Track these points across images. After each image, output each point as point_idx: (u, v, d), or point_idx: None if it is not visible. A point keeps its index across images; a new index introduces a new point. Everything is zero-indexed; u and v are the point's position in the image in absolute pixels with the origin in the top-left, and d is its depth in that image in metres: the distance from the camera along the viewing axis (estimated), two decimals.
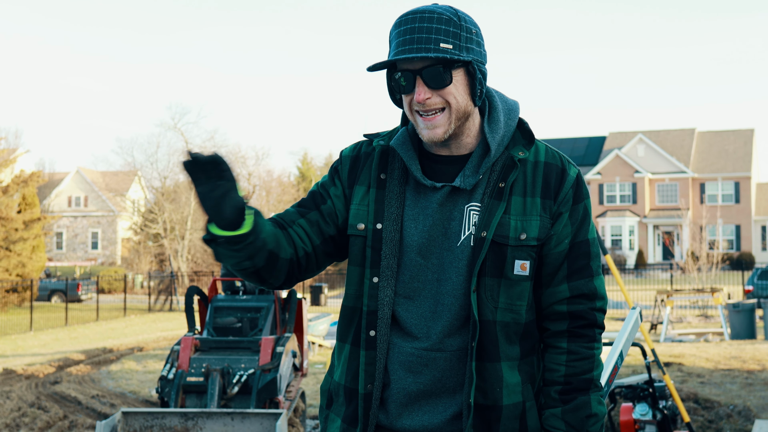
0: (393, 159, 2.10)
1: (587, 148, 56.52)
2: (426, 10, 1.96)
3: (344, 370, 2.08)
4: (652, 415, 5.84)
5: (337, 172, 2.15)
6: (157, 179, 48.21)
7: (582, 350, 2.04)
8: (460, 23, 1.97)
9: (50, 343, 18.65)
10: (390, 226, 2.03)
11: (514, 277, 2.00)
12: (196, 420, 6.07)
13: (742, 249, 49.73)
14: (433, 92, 1.96)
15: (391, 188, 2.06)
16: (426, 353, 2.00)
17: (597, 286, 2.07)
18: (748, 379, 10.63)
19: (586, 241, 2.07)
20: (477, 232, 1.98)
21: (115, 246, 57.70)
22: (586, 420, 2.01)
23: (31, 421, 8.47)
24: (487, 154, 2.04)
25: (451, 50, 1.94)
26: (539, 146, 2.09)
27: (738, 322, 16.87)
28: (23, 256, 28.83)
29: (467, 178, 2.01)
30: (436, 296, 2.01)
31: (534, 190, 2.03)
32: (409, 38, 1.94)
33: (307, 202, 2.15)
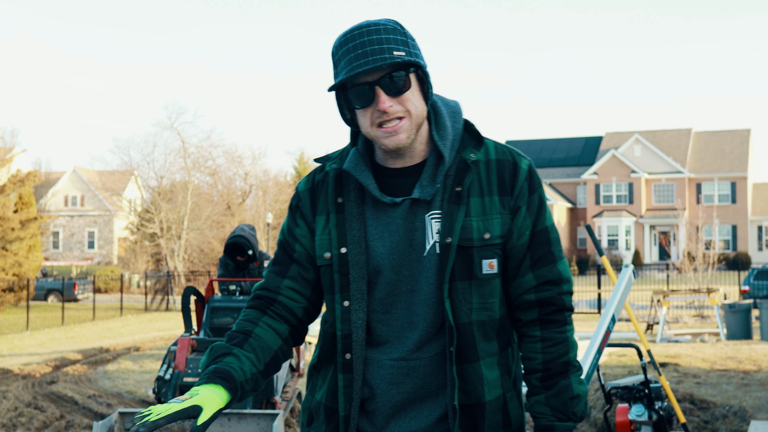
0: (348, 181, 2.10)
1: (584, 148, 56.56)
2: (369, 24, 1.98)
3: (326, 390, 2.12)
4: (647, 415, 5.85)
5: (299, 210, 2.16)
6: (154, 179, 48.17)
7: (555, 336, 2.08)
8: (404, 32, 2.01)
9: (47, 342, 18.63)
10: (354, 249, 2.05)
11: (483, 276, 2.03)
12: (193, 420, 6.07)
13: (739, 249, 49.81)
14: (394, 100, 1.98)
15: (350, 211, 2.07)
16: (405, 363, 2.04)
17: (561, 271, 2.11)
18: (744, 379, 10.64)
19: (545, 228, 2.10)
20: (441, 239, 2.01)
21: (111, 245, 57.65)
22: (570, 402, 2.06)
23: (28, 421, 8.47)
24: (440, 161, 2.06)
25: (405, 56, 1.96)
26: (488, 144, 2.12)
27: (734, 323, 16.89)
28: (20, 256, 28.80)
29: (425, 189, 2.03)
30: (410, 307, 2.04)
31: (490, 189, 2.06)
32: (362, 52, 1.94)
33: (281, 259, 2.17)
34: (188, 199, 43.78)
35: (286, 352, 2.13)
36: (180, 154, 47.30)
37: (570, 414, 2.06)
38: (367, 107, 2.00)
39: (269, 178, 52.36)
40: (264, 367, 2.05)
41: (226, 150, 50.66)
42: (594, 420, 7.77)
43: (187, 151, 46.92)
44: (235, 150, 52.18)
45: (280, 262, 2.16)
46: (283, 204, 49.07)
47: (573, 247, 53.86)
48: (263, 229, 43.64)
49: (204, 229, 43.48)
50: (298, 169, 58.09)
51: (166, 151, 48.90)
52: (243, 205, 49.88)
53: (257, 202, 50.22)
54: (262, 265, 8.49)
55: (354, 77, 1.97)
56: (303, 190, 2.16)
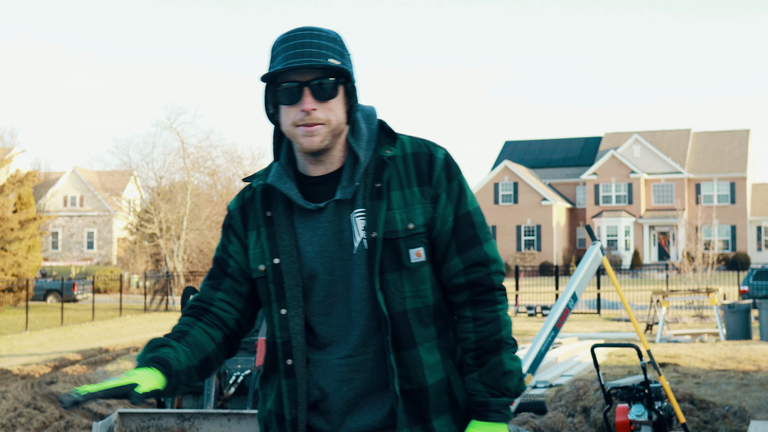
0: (274, 194, 2.18)
1: (583, 148, 56.57)
2: (313, 29, 2.08)
3: (274, 398, 2.19)
4: (647, 416, 5.86)
5: (231, 228, 2.24)
6: (153, 179, 48.15)
7: (486, 315, 2.14)
8: (343, 44, 2.11)
9: (46, 343, 18.63)
10: (287, 258, 2.13)
11: (412, 265, 2.11)
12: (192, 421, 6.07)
13: (738, 249, 49.83)
14: (318, 104, 2.06)
15: (279, 222, 2.16)
16: (353, 360, 2.11)
17: (487, 251, 2.17)
18: (743, 379, 10.65)
19: (468, 213, 2.17)
20: (367, 234, 2.09)
21: (110, 246, 57.64)
22: (502, 377, 2.12)
23: (27, 422, 8.46)
24: (356, 162, 2.15)
25: (339, 66, 2.04)
26: (403, 140, 2.20)
27: (733, 323, 16.89)
28: (19, 256, 28.79)
29: (345, 189, 2.11)
30: (348, 305, 2.12)
31: (409, 181, 2.14)
32: (300, 51, 2.03)
33: (216, 273, 2.25)
34: (187, 199, 43.76)
35: (219, 357, 2.19)
36: (179, 155, 47.30)
37: (503, 389, 2.12)
38: (292, 105, 2.07)
39: None
40: (198, 363, 2.12)
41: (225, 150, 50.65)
42: (594, 420, 7.78)
43: (187, 151, 46.92)
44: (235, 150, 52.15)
45: (215, 276, 2.24)
46: None
47: (572, 247, 53.87)
48: None
49: (203, 230, 43.47)
50: None
51: (166, 151, 48.90)
52: None
53: None
54: None
55: (286, 74, 2.05)
56: (234, 209, 2.24)
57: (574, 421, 7.80)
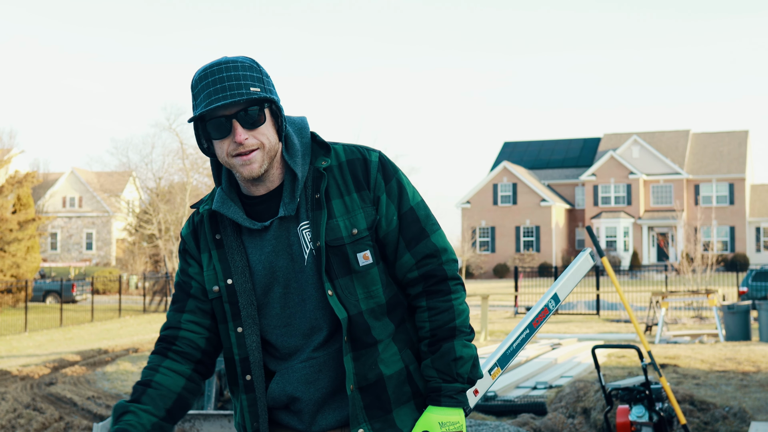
0: (222, 218, 2.24)
1: (582, 149, 56.60)
2: (228, 61, 2.13)
3: (239, 411, 2.28)
4: (648, 417, 5.86)
5: (187, 252, 2.30)
6: (152, 180, 48.10)
7: (440, 304, 2.22)
8: (260, 69, 2.16)
9: (45, 344, 18.62)
10: (240, 278, 2.20)
11: (361, 268, 2.18)
12: (193, 422, 6.07)
13: (737, 250, 49.85)
14: (249, 132, 2.12)
15: (229, 244, 2.22)
16: (314, 361, 2.19)
17: (436, 242, 2.24)
18: (743, 380, 10.65)
19: (411, 209, 2.24)
20: (313, 245, 2.17)
21: (109, 247, 57.62)
22: (453, 363, 2.19)
23: (27, 423, 8.45)
24: (295, 178, 2.21)
25: (260, 92, 2.11)
26: (337, 149, 2.26)
27: (733, 324, 16.89)
28: (18, 257, 28.76)
29: (288, 205, 2.18)
30: (305, 314, 2.19)
31: (348, 188, 2.21)
32: (220, 87, 2.08)
33: (179, 297, 2.30)
34: (186, 200, 43.72)
35: (193, 390, 2.26)
36: (178, 155, 47.25)
37: (455, 375, 2.19)
38: (224, 138, 2.13)
39: None
40: (166, 413, 2.19)
41: None
42: (594, 421, 7.77)
43: (186, 152, 46.86)
44: None
45: (178, 300, 2.30)
46: None
47: (571, 248, 53.88)
48: None
49: None
50: None
51: (165, 152, 48.86)
52: None
53: None
54: None
55: (212, 110, 2.10)
56: (186, 234, 2.31)
57: (574, 422, 7.80)
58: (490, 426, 6.49)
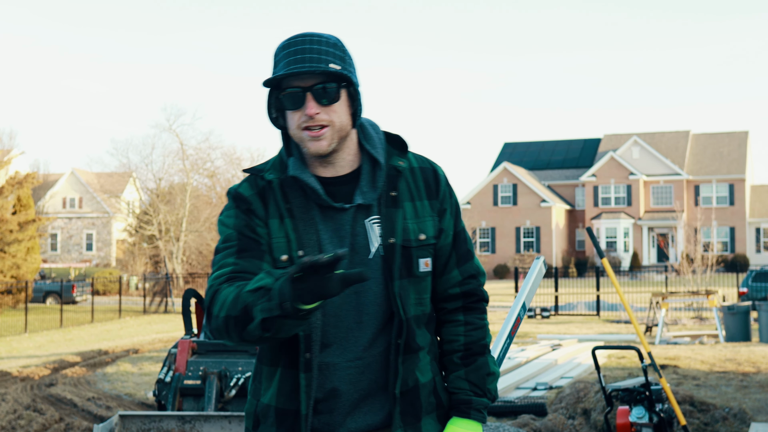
0: (293, 188, 2.18)
1: (582, 150, 56.61)
2: (314, 35, 2.12)
3: (275, 392, 2.16)
4: (648, 418, 5.86)
5: (254, 213, 2.16)
6: (152, 181, 48.16)
7: (477, 321, 2.29)
8: (344, 49, 2.15)
9: (45, 344, 18.62)
10: (311, 251, 2.13)
11: (420, 274, 2.19)
12: (193, 423, 6.07)
13: (737, 251, 49.85)
14: (322, 108, 2.10)
15: (300, 216, 2.15)
16: (361, 362, 2.15)
17: (477, 265, 2.33)
18: (743, 381, 10.65)
19: (463, 229, 2.32)
20: (384, 240, 2.15)
21: (109, 247, 57.62)
22: (487, 377, 2.25)
23: (27, 424, 8.45)
24: (374, 168, 2.20)
25: (340, 71, 2.09)
26: (408, 154, 2.28)
27: (733, 325, 16.90)
28: (18, 258, 28.76)
29: (366, 194, 2.16)
30: (357, 308, 2.14)
31: (419, 193, 2.23)
32: (300, 57, 2.08)
33: (250, 245, 2.13)
34: (187, 201, 43.76)
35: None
36: (178, 156, 47.30)
37: (485, 390, 2.24)
38: (296, 110, 2.12)
39: None
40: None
41: (224, 152, 50.66)
42: (594, 422, 7.78)
43: (186, 152, 46.92)
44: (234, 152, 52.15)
45: (249, 248, 2.13)
46: None
47: (571, 249, 53.89)
48: None
49: (202, 231, 43.47)
50: None
51: (165, 152, 48.92)
52: None
53: None
54: None
55: (289, 80, 2.10)
56: (250, 195, 2.18)
57: (574, 423, 7.80)
58: (490, 427, 6.49)
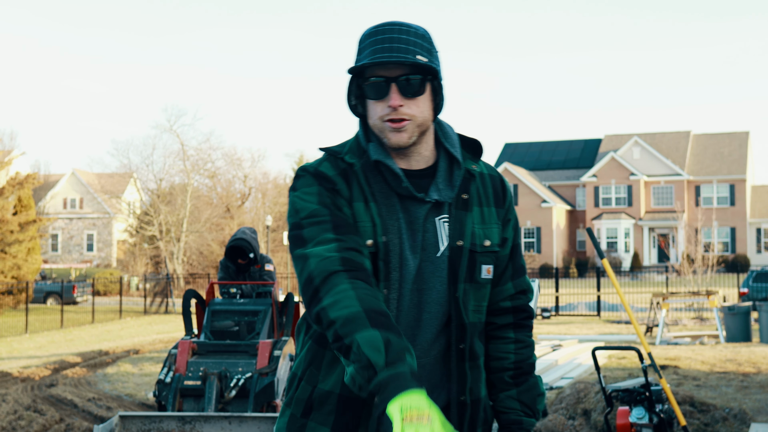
0: (373, 174, 2.10)
1: (583, 150, 56.60)
2: (402, 24, 2.06)
3: (339, 379, 2.06)
4: (648, 418, 5.86)
5: (338, 193, 2.07)
6: (153, 181, 48.17)
7: (526, 339, 2.25)
8: (431, 41, 2.09)
9: (46, 345, 18.62)
10: (394, 238, 2.07)
11: (481, 280, 2.15)
12: (193, 424, 6.07)
13: (737, 251, 49.84)
14: (405, 101, 2.04)
15: (382, 201, 2.09)
16: (417, 362, 2.05)
17: (529, 282, 2.29)
18: (743, 382, 10.65)
19: (520, 243, 2.30)
20: (452, 241, 2.10)
21: (110, 248, 57.62)
22: (537, 398, 2.21)
23: (27, 425, 8.46)
24: (452, 166, 2.15)
25: (427, 63, 2.02)
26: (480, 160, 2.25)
27: (733, 325, 16.89)
28: (18, 258, 28.77)
29: (443, 191, 2.11)
30: (419, 305, 2.09)
31: (488, 200, 2.19)
32: (388, 46, 2.02)
33: (343, 222, 2.04)
34: (187, 201, 43.77)
35: None
36: (179, 157, 47.32)
37: (535, 410, 2.21)
38: (378, 100, 2.05)
39: (268, 180, 52.40)
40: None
41: (225, 152, 50.73)
42: (595, 423, 7.78)
43: (186, 153, 46.94)
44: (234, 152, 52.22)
45: (344, 224, 2.02)
46: (283, 207, 49.01)
47: (572, 249, 53.87)
48: (263, 232, 43.64)
49: (203, 232, 43.48)
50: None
51: (165, 153, 48.95)
52: (242, 207, 49.90)
53: (256, 204, 50.23)
54: (263, 268, 8.47)
55: (373, 69, 2.04)
56: (334, 174, 2.09)
57: (574, 424, 7.80)
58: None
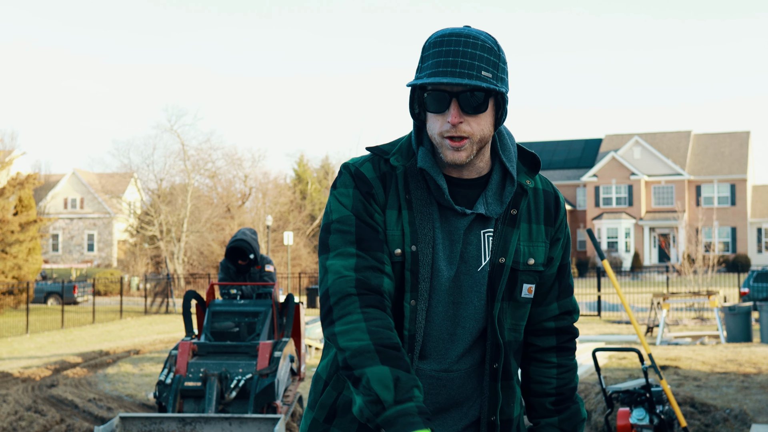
0: (416, 180, 2.05)
1: (583, 150, 56.58)
2: (470, 35, 1.95)
3: None
4: (649, 419, 5.86)
5: (372, 197, 2.03)
6: (154, 181, 48.20)
7: (568, 363, 2.20)
8: (499, 54, 1.98)
9: (46, 345, 18.62)
10: (425, 248, 2.02)
11: (521, 299, 2.09)
12: (194, 425, 6.07)
13: (738, 251, 49.82)
14: (466, 117, 1.96)
15: (419, 209, 2.03)
16: (444, 375, 2.06)
17: (575, 302, 2.23)
18: (744, 382, 10.64)
19: (569, 263, 2.23)
20: (494, 257, 2.04)
21: (111, 248, 57.64)
22: (579, 425, 2.19)
23: (28, 425, 8.46)
24: (504, 180, 2.08)
25: (491, 79, 1.94)
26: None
27: (734, 325, 16.88)
28: (19, 259, 28.78)
29: (491, 206, 2.05)
30: (454, 319, 2.05)
31: (538, 217, 2.12)
32: (452, 60, 1.92)
33: (370, 235, 2.00)
34: (188, 201, 43.77)
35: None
36: (180, 157, 47.34)
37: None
38: (438, 114, 1.98)
39: (269, 180, 52.38)
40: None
41: (225, 152, 50.75)
42: (595, 423, 7.77)
43: (187, 153, 46.96)
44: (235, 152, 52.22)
45: (368, 237, 1.99)
46: (283, 207, 49.02)
47: (572, 249, 53.90)
48: (263, 232, 43.64)
49: (204, 232, 43.48)
50: (298, 172, 58.13)
51: (166, 153, 48.99)
52: (243, 207, 49.89)
53: (257, 204, 50.21)
54: (264, 269, 8.47)
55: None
56: (373, 177, 2.05)
57: None
58: None
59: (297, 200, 52.70)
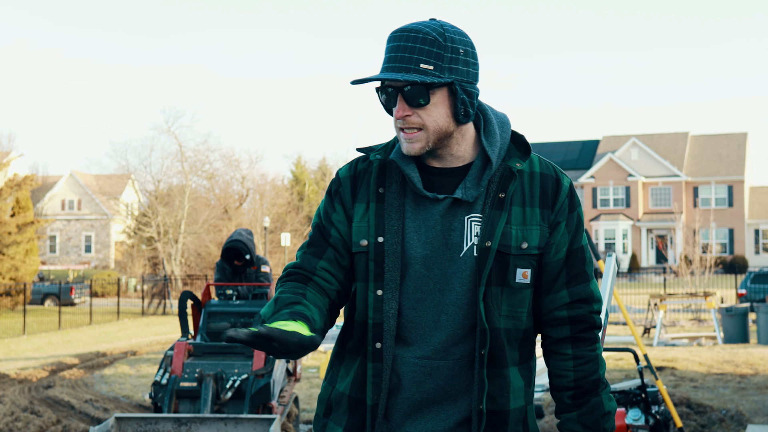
0: (391, 172, 2.12)
1: (581, 151, 56.62)
2: (413, 29, 2.01)
3: (351, 381, 2.11)
4: (644, 420, 5.86)
5: (338, 195, 2.15)
6: (151, 183, 48.19)
7: (587, 354, 2.12)
8: (446, 44, 2.00)
9: (43, 347, 18.61)
10: (392, 238, 2.06)
11: (516, 285, 2.07)
12: (189, 425, 6.07)
13: (735, 253, 49.87)
14: (412, 110, 2.02)
15: (390, 201, 2.08)
16: (429, 362, 2.05)
17: (593, 290, 2.15)
18: (740, 383, 10.66)
19: (581, 247, 2.15)
20: (481, 242, 2.03)
21: (108, 249, 57.60)
22: (602, 419, 2.11)
23: (24, 426, 8.45)
24: (486, 166, 2.09)
25: (431, 71, 1.98)
26: (533, 157, 2.15)
27: (731, 326, 16.90)
28: (16, 260, 28.76)
29: (468, 190, 2.06)
30: (438, 306, 2.05)
31: (532, 200, 2.09)
32: (393, 56, 2.00)
33: (317, 240, 2.15)
34: (185, 202, 43.76)
35: (328, 325, 2.10)
36: (177, 158, 47.33)
37: (601, 431, 2.11)
38: (389, 109, 2.06)
39: (266, 181, 52.38)
40: (323, 326, 2.02)
41: (223, 154, 50.68)
42: None
43: (184, 155, 46.94)
44: (232, 154, 52.23)
45: (316, 243, 2.14)
46: (280, 208, 49.03)
47: None
48: (260, 233, 43.64)
49: (201, 233, 43.47)
50: (295, 173, 58.16)
51: (163, 154, 48.93)
52: (240, 208, 49.88)
53: (254, 205, 50.19)
54: (260, 269, 8.47)
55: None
56: (344, 177, 2.16)
57: None
58: None
59: (294, 202, 52.73)
